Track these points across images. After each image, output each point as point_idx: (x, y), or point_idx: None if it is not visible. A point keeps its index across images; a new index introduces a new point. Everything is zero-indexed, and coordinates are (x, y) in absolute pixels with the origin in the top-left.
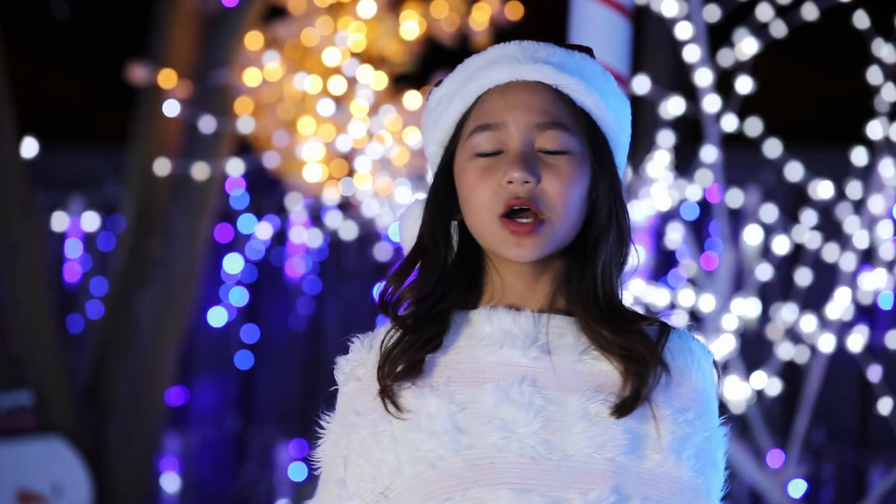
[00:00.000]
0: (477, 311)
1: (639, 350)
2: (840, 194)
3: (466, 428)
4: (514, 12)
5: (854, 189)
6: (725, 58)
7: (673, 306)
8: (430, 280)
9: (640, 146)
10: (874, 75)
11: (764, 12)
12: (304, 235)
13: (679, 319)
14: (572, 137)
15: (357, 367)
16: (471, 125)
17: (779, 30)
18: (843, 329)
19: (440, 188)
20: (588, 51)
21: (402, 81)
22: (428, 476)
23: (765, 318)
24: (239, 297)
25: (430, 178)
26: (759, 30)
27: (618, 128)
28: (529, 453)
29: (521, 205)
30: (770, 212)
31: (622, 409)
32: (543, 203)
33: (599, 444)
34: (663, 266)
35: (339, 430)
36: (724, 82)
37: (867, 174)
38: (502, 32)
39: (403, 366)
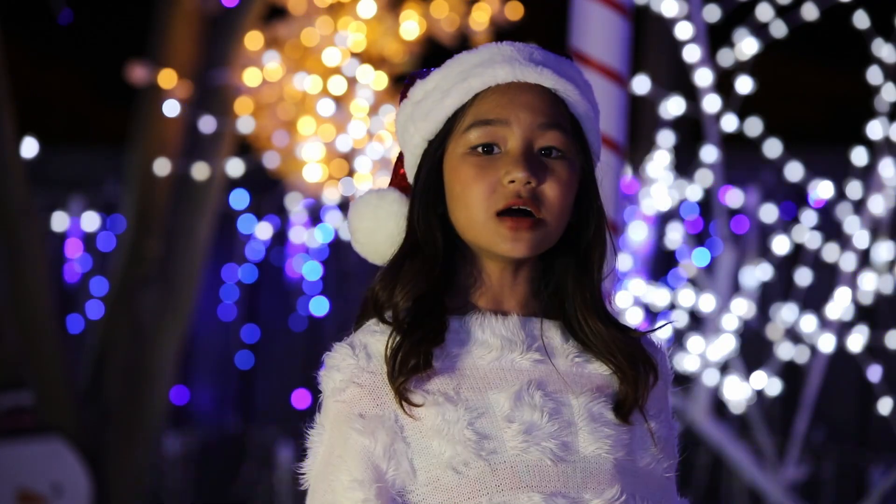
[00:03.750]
0: (466, 318)
1: (634, 354)
2: (840, 194)
3: (488, 433)
4: (514, 12)
5: (854, 189)
6: (725, 58)
7: (673, 306)
8: (430, 276)
9: (640, 146)
10: (874, 75)
11: (764, 12)
12: (303, 235)
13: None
14: (569, 141)
15: (357, 373)
16: (468, 120)
17: (779, 30)
18: (843, 329)
19: (430, 182)
20: (569, 57)
21: (402, 81)
22: (446, 482)
23: (765, 318)
24: (239, 297)
25: (410, 170)
26: (759, 30)
27: (597, 138)
28: (549, 455)
29: (522, 205)
30: (770, 212)
31: (623, 411)
32: (542, 205)
33: (609, 445)
34: (663, 266)
35: (336, 438)
36: (724, 82)
37: (867, 174)
38: (502, 32)
39: (416, 361)
